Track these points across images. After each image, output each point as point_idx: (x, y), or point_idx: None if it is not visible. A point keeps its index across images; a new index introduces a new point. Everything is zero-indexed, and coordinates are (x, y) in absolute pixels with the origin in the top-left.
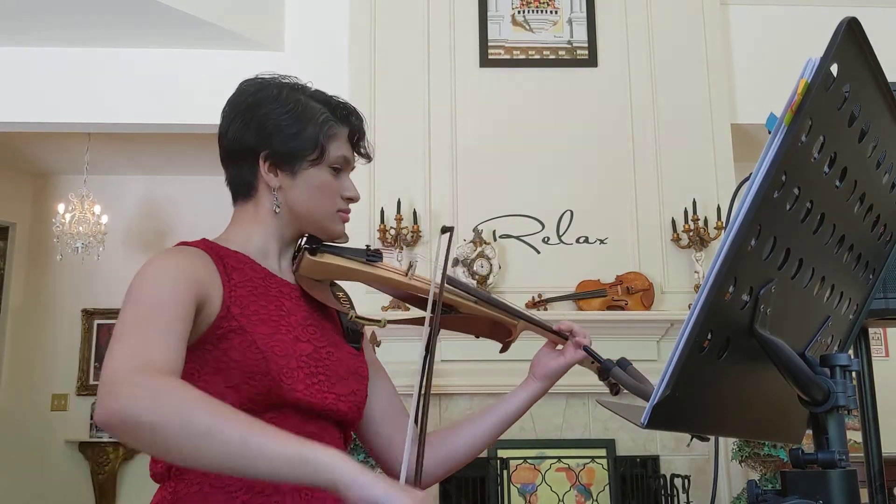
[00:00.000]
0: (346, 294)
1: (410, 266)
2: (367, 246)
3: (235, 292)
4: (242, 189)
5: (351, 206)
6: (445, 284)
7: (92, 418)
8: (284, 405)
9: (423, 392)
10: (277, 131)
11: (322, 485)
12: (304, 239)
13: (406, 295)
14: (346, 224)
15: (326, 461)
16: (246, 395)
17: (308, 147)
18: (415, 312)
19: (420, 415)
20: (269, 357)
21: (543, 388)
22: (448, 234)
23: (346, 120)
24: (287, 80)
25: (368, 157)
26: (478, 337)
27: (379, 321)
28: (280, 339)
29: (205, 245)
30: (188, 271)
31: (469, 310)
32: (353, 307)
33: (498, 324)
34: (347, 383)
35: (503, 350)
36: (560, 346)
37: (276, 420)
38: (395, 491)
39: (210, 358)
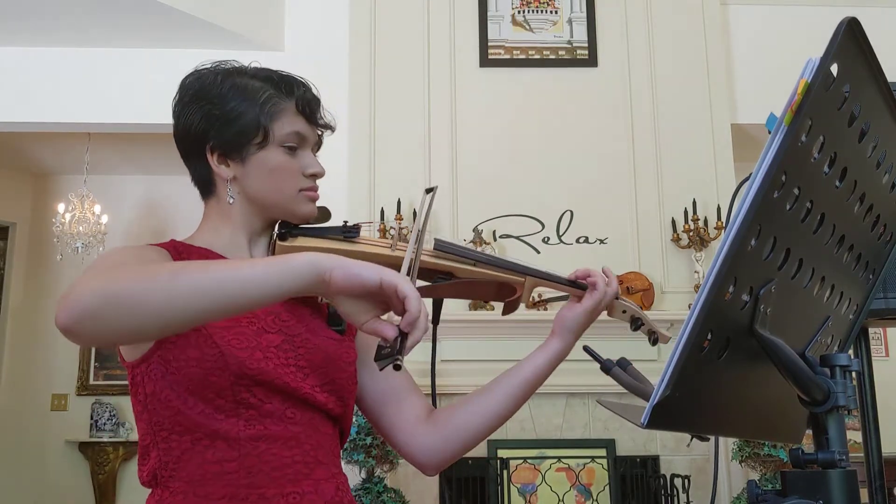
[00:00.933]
0: None
1: (393, 237)
2: (345, 222)
3: None
4: (205, 185)
5: (351, 205)
6: (440, 252)
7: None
8: (260, 402)
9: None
10: (217, 120)
11: (308, 282)
12: (277, 225)
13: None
14: (315, 202)
15: (300, 259)
16: (212, 398)
17: (250, 130)
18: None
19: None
20: (225, 352)
21: (564, 344)
22: (430, 196)
23: (290, 92)
24: (225, 66)
25: (329, 127)
26: (487, 301)
27: None
28: (240, 331)
29: (168, 244)
30: (146, 257)
31: (468, 274)
32: None
33: (504, 284)
34: (325, 372)
35: (506, 311)
36: None
37: (255, 421)
38: (370, 264)
39: (171, 358)
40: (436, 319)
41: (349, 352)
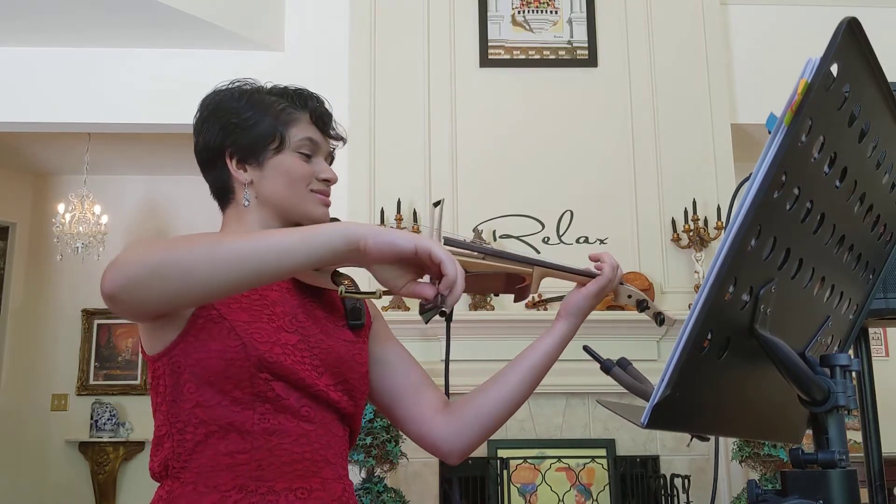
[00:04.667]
0: (352, 280)
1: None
2: None
3: None
4: (223, 194)
5: (351, 205)
6: (450, 248)
7: (91, 416)
8: (277, 397)
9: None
10: (235, 127)
11: (340, 250)
12: None
13: None
14: (328, 207)
15: (332, 228)
16: (229, 389)
17: (267, 135)
18: (414, 313)
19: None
20: (248, 343)
21: (570, 326)
22: (439, 209)
23: (304, 105)
24: (242, 83)
25: (340, 139)
26: (497, 294)
27: (374, 293)
28: (261, 327)
29: None
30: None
31: (478, 267)
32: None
33: (512, 276)
34: (338, 372)
35: (518, 299)
36: None
37: (270, 416)
38: (402, 231)
39: (192, 350)
40: (449, 316)
41: (361, 353)
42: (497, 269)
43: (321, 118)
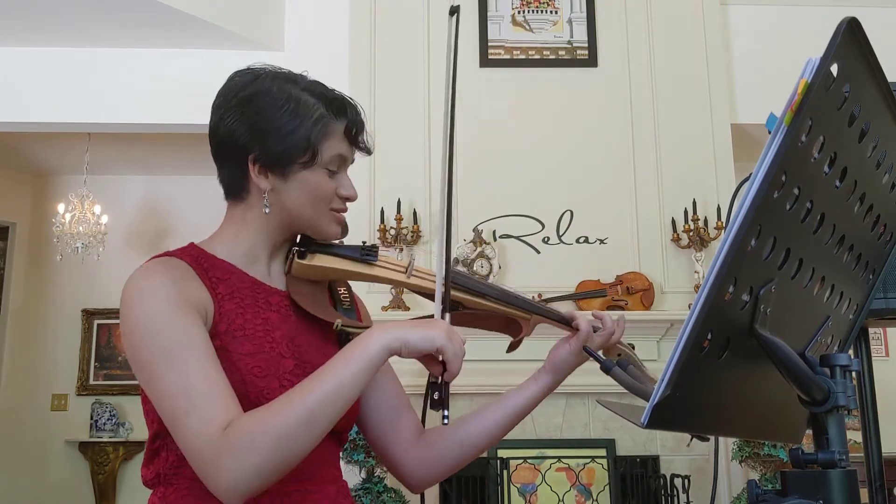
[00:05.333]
0: (348, 289)
1: (410, 263)
2: (363, 242)
3: (223, 307)
4: (234, 189)
5: (351, 204)
6: (453, 284)
7: (94, 424)
8: None
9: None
10: (268, 132)
11: (384, 360)
12: (297, 240)
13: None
14: (341, 225)
15: (378, 347)
16: None
17: (300, 149)
18: (414, 313)
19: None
20: (247, 381)
21: (555, 381)
22: (455, 17)
23: (343, 114)
24: (280, 72)
25: (368, 151)
26: (491, 331)
27: (367, 327)
28: (262, 358)
29: (189, 254)
30: (181, 294)
31: (477, 306)
32: (352, 304)
33: (510, 319)
34: None
35: (510, 350)
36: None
37: None
38: (423, 330)
39: None
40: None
41: None
42: (496, 311)
43: (356, 128)
